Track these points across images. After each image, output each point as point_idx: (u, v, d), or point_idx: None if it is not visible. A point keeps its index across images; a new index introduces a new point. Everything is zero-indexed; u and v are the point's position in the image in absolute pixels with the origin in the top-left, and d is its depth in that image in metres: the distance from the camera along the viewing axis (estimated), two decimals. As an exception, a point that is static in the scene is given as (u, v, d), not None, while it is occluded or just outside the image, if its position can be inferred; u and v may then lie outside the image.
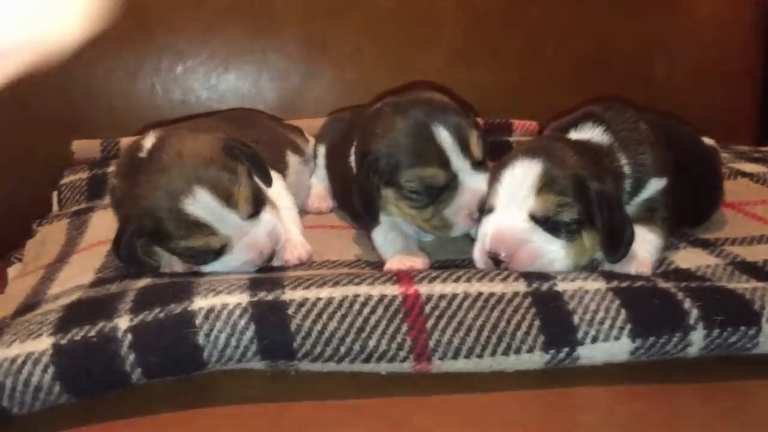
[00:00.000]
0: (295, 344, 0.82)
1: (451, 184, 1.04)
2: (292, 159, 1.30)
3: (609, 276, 0.94)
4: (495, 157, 1.09)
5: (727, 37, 2.05)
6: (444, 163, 1.03)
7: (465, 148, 1.03)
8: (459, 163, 1.03)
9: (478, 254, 1.02)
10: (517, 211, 1.00)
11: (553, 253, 0.98)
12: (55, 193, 1.47)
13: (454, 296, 0.88)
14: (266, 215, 1.01)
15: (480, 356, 0.84)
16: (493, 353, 0.84)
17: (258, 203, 1.00)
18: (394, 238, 1.10)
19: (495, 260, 0.99)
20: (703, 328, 0.85)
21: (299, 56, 1.84)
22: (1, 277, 1.21)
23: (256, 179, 1.04)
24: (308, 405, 0.82)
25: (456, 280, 0.90)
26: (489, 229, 1.00)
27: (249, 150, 1.02)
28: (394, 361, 0.84)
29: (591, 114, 1.13)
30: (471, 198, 1.04)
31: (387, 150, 1.04)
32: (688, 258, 1.06)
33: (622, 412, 0.82)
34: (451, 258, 1.11)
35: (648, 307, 0.88)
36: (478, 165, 1.05)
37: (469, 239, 1.14)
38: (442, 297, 0.87)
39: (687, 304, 0.87)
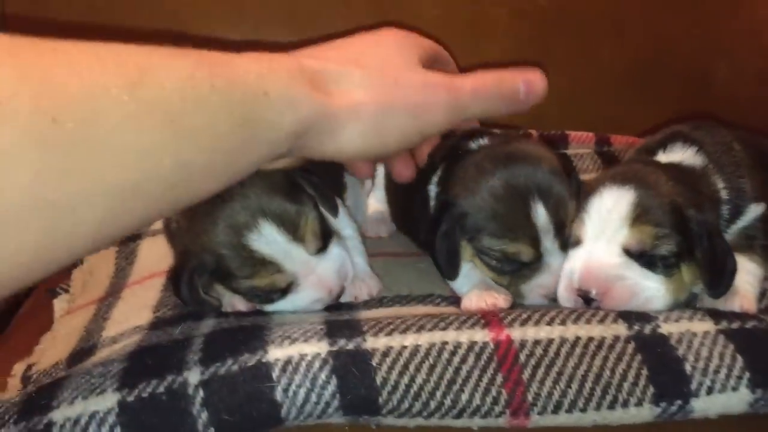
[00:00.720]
0: (381, 399, 0.74)
1: (535, 262, 0.96)
2: (350, 180, 1.22)
3: (716, 315, 0.86)
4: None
5: (794, 37, 1.94)
6: (534, 242, 0.94)
7: (559, 229, 0.95)
8: (549, 244, 0.95)
9: (565, 292, 0.93)
10: (608, 244, 0.91)
11: (650, 290, 0.90)
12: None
13: (550, 342, 0.80)
14: (335, 249, 0.93)
15: (583, 410, 0.76)
16: (598, 407, 0.76)
17: (326, 236, 0.92)
18: (469, 271, 1.01)
19: (585, 299, 0.91)
20: (833, 376, 0.77)
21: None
22: (47, 311, 1.14)
23: (322, 209, 0.96)
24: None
25: (550, 323, 0.82)
26: (577, 264, 0.92)
27: (313, 177, 0.95)
28: (488, 417, 0.76)
29: (680, 134, 1.05)
30: (552, 280, 0.95)
31: (475, 210, 0.96)
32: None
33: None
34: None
35: (766, 351, 0.79)
36: (567, 247, 0.97)
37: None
38: (537, 343, 0.79)
39: (812, 350, 0.79)
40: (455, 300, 0.99)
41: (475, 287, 0.98)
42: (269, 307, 0.93)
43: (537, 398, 0.76)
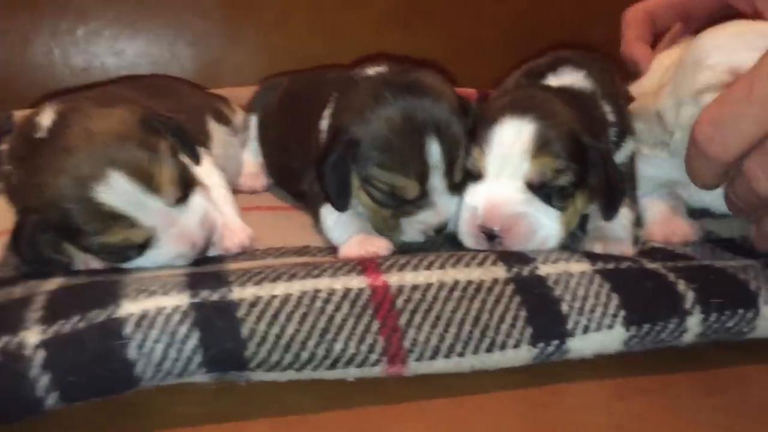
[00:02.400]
0: (247, 352, 0.69)
1: (420, 198, 0.93)
2: (217, 129, 1.15)
3: (592, 256, 0.86)
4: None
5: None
6: (422, 179, 0.91)
7: (450, 169, 0.92)
8: (437, 182, 0.92)
9: (468, 227, 0.91)
10: (511, 179, 0.90)
11: (547, 229, 0.90)
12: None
13: (429, 286, 0.76)
14: (197, 199, 0.87)
15: (461, 355, 0.74)
16: (476, 350, 0.74)
17: (186, 185, 0.86)
18: (348, 219, 0.97)
19: (488, 235, 0.89)
20: (701, 312, 0.78)
21: (220, 18, 1.69)
22: None
23: (183, 157, 0.88)
24: (264, 422, 0.69)
25: (428, 267, 0.79)
26: (481, 200, 0.90)
27: (172, 122, 0.88)
28: (364, 366, 0.72)
29: (567, 58, 1.04)
30: (435, 219, 0.94)
31: (368, 138, 0.91)
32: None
33: (620, 410, 0.73)
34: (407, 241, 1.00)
35: (641, 291, 0.79)
36: (454, 187, 0.94)
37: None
38: (415, 288, 0.76)
39: (681, 286, 0.80)
40: (332, 251, 0.95)
41: (354, 235, 0.93)
42: (126, 265, 0.85)
43: (414, 344, 0.73)
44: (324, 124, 1.01)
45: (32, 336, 0.66)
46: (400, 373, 0.74)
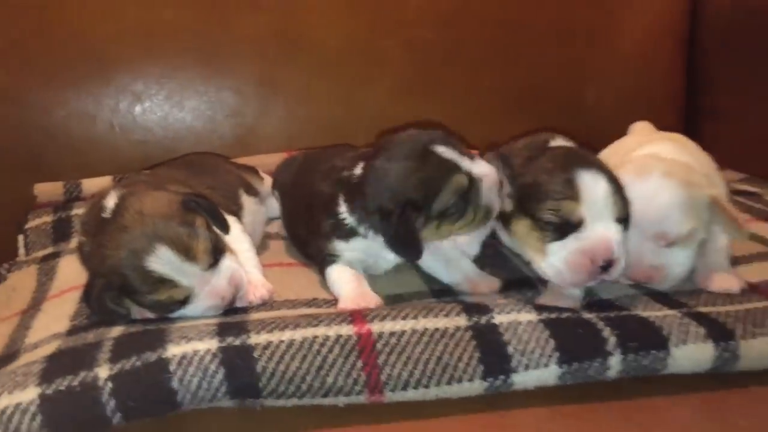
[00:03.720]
0: (260, 384, 0.91)
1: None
2: (247, 200, 1.40)
3: (540, 308, 1.06)
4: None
5: (649, 65, 2.20)
6: None
7: None
8: None
9: (585, 265, 1.09)
10: (608, 220, 1.10)
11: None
12: (20, 237, 1.52)
13: (403, 333, 0.98)
14: (226, 262, 1.10)
15: (427, 386, 0.95)
16: (438, 383, 0.95)
17: (217, 253, 1.09)
18: (348, 278, 1.19)
19: (603, 268, 1.09)
20: (620, 353, 0.98)
21: (252, 94, 1.93)
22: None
23: (215, 228, 1.12)
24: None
25: (404, 318, 1.01)
26: (595, 240, 1.09)
27: (206, 202, 1.11)
28: (350, 395, 0.94)
29: (547, 132, 1.34)
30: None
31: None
32: (611, 289, 1.18)
33: (549, 430, 0.94)
34: (399, 292, 1.22)
35: (573, 336, 1.00)
36: None
37: (418, 273, 1.27)
38: (392, 334, 0.98)
39: (606, 332, 1.00)
40: (335, 302, 1.16)
41: (351, 292, 1.16)
42: (172, 315, 1.08)
43: (390, 378, 0.94)
44: (343, 212, 1.22)
45: (103, 371, 0.90)
46: (380, 401, 0.95)
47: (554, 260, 1.11)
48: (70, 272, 1.28)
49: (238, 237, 1.21)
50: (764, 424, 0.94)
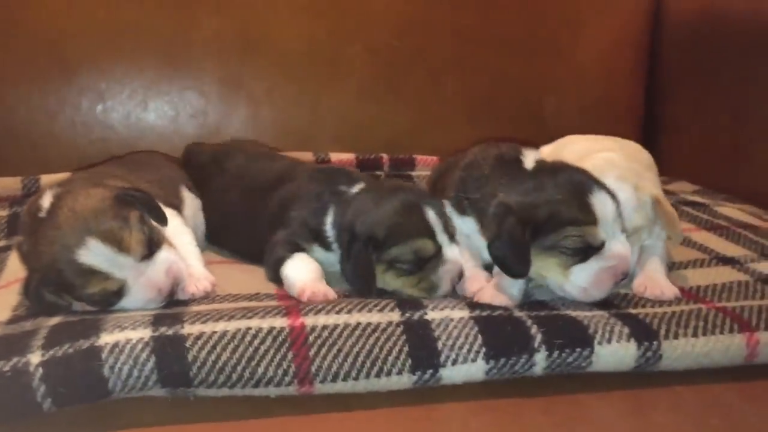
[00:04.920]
0: (191, 373, 0.93)
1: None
2: (189, 195, 1.42)
3: (472, 305, 1.09)
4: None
5: (609, 77, 2.25)
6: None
7: (446, 227, 1.23)
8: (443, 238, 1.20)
9: (609, 280, 1.13)
10: (620, 235, 1.15)
11: None
12: (-25, 230, 1.53)
13: (336, 326, 1.01)
14: (163, 254, 1.12)
15: (356, 379, 0.97)
16: (367, 376, 0.97)
17: (152, 244, 1.10)
18: (310, 269, 1.22)
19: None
20: (546, 351, 1.01)
21: (216, 95, 1.95)
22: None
23: (153, 222, 1.14)
24: (204, 426, 0.94)
25: (338, 312, 1.03)
26: (617, 256, 1.13)
27: (142, 195, 1.13)
28: (280, 386, 0.96)
29: (514, 144, 1.32)
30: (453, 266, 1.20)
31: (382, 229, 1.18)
32: (545, 292, 1.21)
33: (474, 424, 0.96)
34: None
35: (500, 333, 1.02)
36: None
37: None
38: (324, 327, 1.00)
39: (533, 330, 1.03)
40: (277, 297, 1.19)
41: (311, 281, 1.19)
42: (113, 308, 1.10)
43: (319, 370, 0.96)
44: (328, 230, 1.27)
45: (35, 357, 0.91)
46: (310, 392, 0.97)
47: (579, 281, 1.13)
48: (19, 264, 1.29)
49: (178, 230, 1.23)
50: (684, 423, 0.97)
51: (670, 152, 2.37)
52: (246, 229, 1.37)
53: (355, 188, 1.27)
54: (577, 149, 1.57)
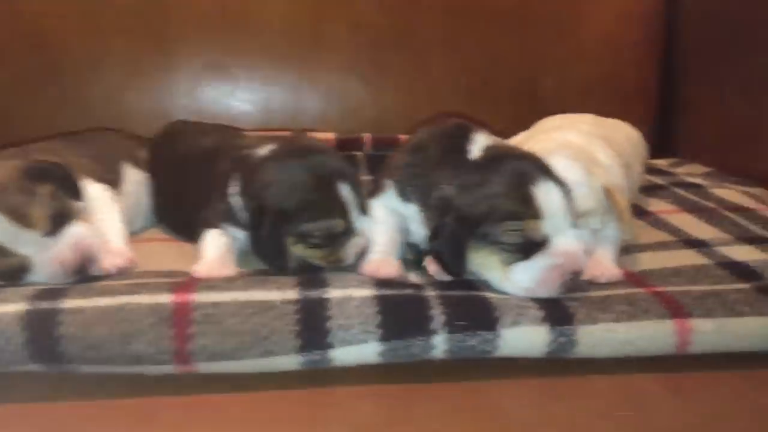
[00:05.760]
0: (60, 349, 0.90)
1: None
2: (132, 171, 1.39)
3: (382, 284, 1.02)
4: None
5: (616, 54, 2.12)
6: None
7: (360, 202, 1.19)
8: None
9: (555, 279, 1.01)
10: (569, 230, 1.04)
11: None
12: None
13: (226, 303, 0.95)
14: (73, 229, 1.09)
15: (240, 359, 0.92)
16: (252, 356, 0.92)
17: (61, 219, 1.07)
18: (218, 245, 1.18)
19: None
20: (446, 332, 0.93)
21: (195, 74, 1.93)
22: None
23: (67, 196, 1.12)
24: (72, 405, 0.90)
25: (232, 289, 0.98)
26: (565, 253, 1.02)
27: (55, 168, 1.11)
28: (157, 364, 0.92)
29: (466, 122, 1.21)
30: (362, 240, 1.16)
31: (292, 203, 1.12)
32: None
33: (364, 409, 0.90)
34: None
35: (399, 312, 0.95)
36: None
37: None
38: (214, 304, 0.95)
39: (436, 310, 0.95)
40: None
41: (212, 259, 1.15)
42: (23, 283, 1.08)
43: (201, 348, 0.92)
44: (236, 199, 1.20)
45: None
46: (190, 371, 0.93)
47: (521, 280, 1.02)
48: None
49: (105, 205, 1.20)
50: (589, 414, 0.88)
51: (686, 134, 2.23)
52: (180, 207, 1.33)
53: (264, 151, 1.21)
54: (548, 128, 1.48)
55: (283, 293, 0.98)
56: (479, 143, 1.12)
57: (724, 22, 2.01)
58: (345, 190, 1.13)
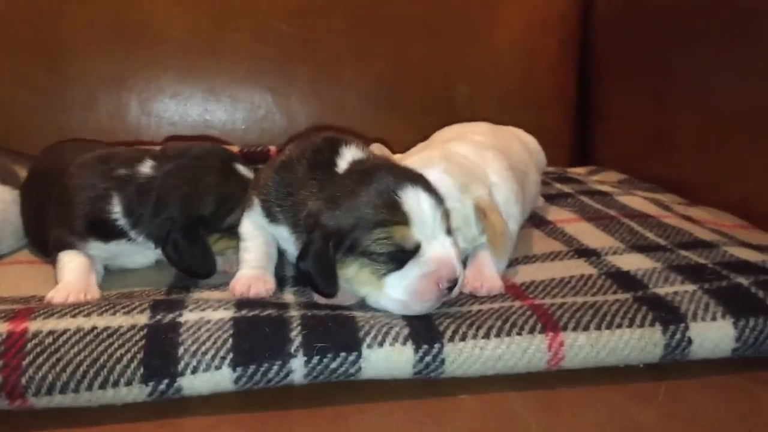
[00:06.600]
0: None
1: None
2: (-1, 189, 1.30)
3: (242, 305, 0.95)
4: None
5: (530, 62, 2.10)
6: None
7: None
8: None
9: (433, 290, 0.96)
10: (441, 236, 0.98)
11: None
12: None
13: (65, 331, 0.88)
14: None
15: (76, 391, 0.84)
16: (90, 387, 0.84)
17: None
18: (77, 266, 1.11)
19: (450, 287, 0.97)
20: (303, 356, 0.87)
21: (88, 89, 1.85)
22: None
23: None
24: None
25: (76, 315, 0.91)
26: (437, 261, 0.96)
27: None
28: (-14, 399, 0.83)
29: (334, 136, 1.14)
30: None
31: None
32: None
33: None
34: (133, 289, 1.12)
35: (254, 336, 0.89)
36: None
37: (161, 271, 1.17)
38: (51, 333, 0.87)
39: (294, 332, 0.89)
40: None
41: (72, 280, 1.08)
42: None
43: (31, 381, 0.84)
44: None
45: None
46: (26, 407, 0.85)
47: (396, 292, 0.96)
48: None
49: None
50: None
51: (602, 141, 2.22)
52: (40, 227, 1.25)
53: (144, 167, 1.16)
54: (442, 138, 1.43)
55: (131, 318, 0.91)
56: (347, 157, 1.07)
57: (637, 29, 2.01)
58: (243, 171, 1.19)
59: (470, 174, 1.14)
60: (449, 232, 1.01)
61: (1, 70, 1.79)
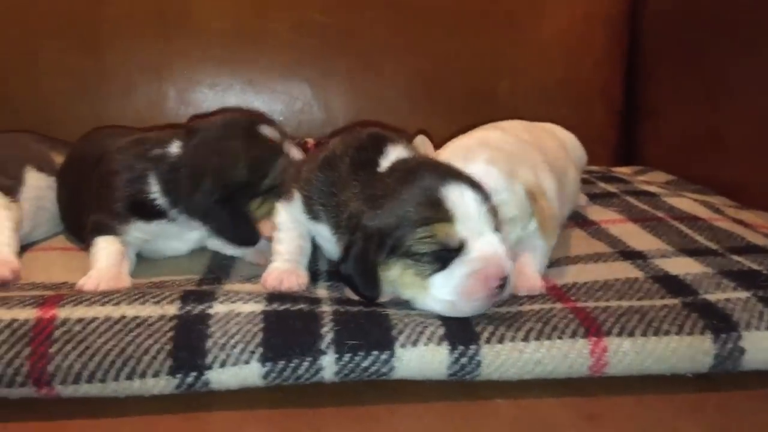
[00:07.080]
0: None
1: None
2: (35, 176, 1.30)
3: (274, 298, 0.93)
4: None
5: (575, 57, 2.04)
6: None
7: None
8: None
9: (484, 289, 0.91)
10: (489, 233, 0.94)
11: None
12: None
13: (94, 320, 0.86)
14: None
15: (103, 381, 0.83)
16: (117, 378, 0.83)
17: None
18: (111, 254, 1.10)
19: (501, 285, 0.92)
20: (334, 353, 0.84)
21: (128, 77, 1.84)
22: None
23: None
24: None
25: (105, 303, 0.89)
26: (485, 259, 0.92)
27: None
28: (14, 387, 0.82)
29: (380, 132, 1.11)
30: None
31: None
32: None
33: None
34: (165, 279, 1.11)
35: (285, 330, 0.86)
36: None
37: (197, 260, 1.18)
38: (79, 321, 0.86)
39: (325, 328, 0.86)
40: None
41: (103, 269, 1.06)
42: None
43: (58, 370, 0.82)
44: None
45: None
46: (52, 395, 0.83)
47: (442, 293, 0.92)
48: None
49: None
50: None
51: (650, 141, 2.15)
52: (77, 213, 1.24)
53: (173, 146, 1.16)
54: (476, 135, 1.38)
55: (160, 308, 0.89)
56: (391, 156, 1.03)
57: (688, 27, 1.93)
58: (270, 132, 1.17)
59: (513, 158, 1.10)
60: (497, 229, 0.96)
61: (42, 59, 1.79)
